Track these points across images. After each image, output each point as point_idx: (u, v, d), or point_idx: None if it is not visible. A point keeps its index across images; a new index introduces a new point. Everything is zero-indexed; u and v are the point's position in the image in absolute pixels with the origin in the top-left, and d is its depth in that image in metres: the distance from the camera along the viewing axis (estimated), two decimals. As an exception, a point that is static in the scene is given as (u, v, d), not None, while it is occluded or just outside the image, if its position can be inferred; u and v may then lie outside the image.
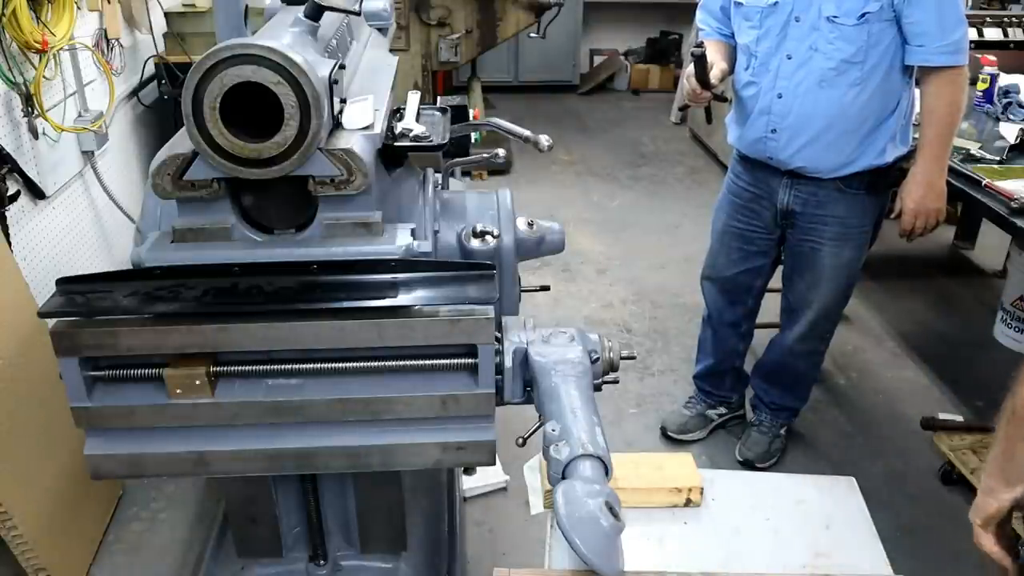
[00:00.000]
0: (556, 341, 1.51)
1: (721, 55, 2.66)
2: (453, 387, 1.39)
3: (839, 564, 1.47)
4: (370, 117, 1.45)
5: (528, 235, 1.87)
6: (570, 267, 4.49)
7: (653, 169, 5.96)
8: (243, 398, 1.36)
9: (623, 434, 3.21)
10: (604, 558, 1.22)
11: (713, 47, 2.67)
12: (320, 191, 1.35)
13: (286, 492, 1.79)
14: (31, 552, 2.26)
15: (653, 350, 3.78)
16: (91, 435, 1.39)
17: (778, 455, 3.09)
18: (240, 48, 1.22)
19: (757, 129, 2.59)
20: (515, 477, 2.82)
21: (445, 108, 1.82)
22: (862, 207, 2.60)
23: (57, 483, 2.40)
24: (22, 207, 2.67)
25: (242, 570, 1.89)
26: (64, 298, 1.33)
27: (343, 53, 1.74)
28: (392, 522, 1.81)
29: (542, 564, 1.47)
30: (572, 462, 1.29)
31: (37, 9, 2.62)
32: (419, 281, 1.37)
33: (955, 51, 2.35)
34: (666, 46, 7.93)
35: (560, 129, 6.68)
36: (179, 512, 2.76)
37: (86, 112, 3.16)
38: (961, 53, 2.36)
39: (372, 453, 1.41)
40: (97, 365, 1.34)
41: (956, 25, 2.34)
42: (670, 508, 1.59)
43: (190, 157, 1.32)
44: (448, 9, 5.02)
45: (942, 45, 2.32)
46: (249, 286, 1.35)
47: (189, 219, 1.39)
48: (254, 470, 1.45)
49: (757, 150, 2.64)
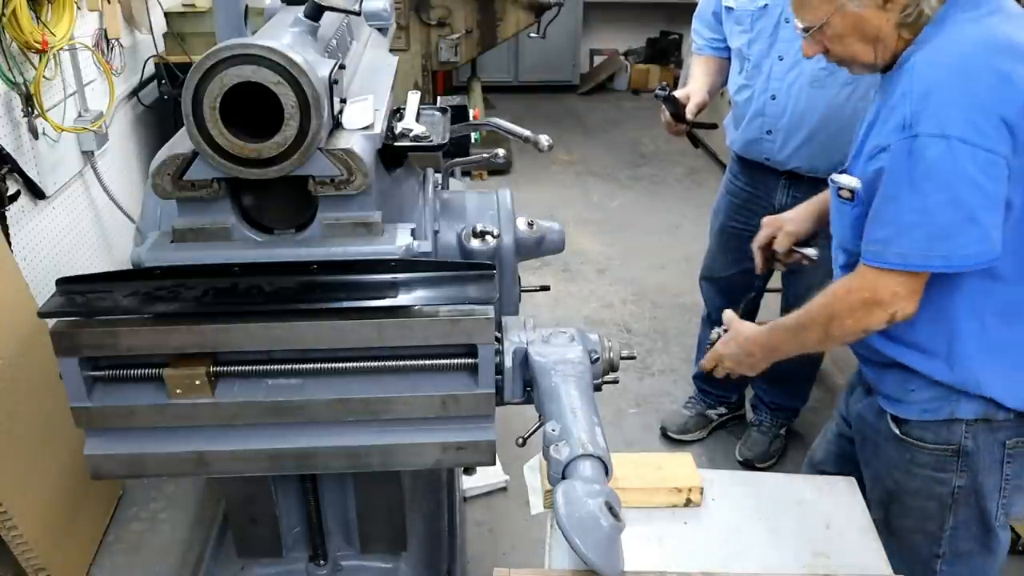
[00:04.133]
0: (556, 341, 1.51)
1: (709, 75, 2.69)
2: (453, 387, 1.39)
3: (839, 564, 1.47)
4: (370, 117, 1.45)
5: (528, 235, 1.87)
6: (570, 267, 4.49)
7: (653, 169, 5.96)
8: (243, 398, 1.36)
9: (623, 434, 3.21)
10: (604, 558, 1.22)
11: (702, 66, 2.71)
12: (320, 191, 1.35)
13: (286, 492, 1.79)
14: (31, 552, 2.26)
15: (653, 350, 3.78)
16: (91, 435, 1.39)
17: (778, 455, 3.09)
18: (240, 48, 1.22)
19: (752, 131, 2.60)
20: (515, 477, 2.82)
21: (445, 108, 1.82)
22: None
23: (57, 483, 2.40)
24: (22, 207, 2.67)
25: (242, 570, 1.89)
26: (64, 298, 1.33)
27: (343, 53, 1.74)
28: (392, 522, 1.81)
29: (542, 564, 1.47)
30: (572, 462, 1.29)
31: (37, 9, 2.61)
32: (419, 281, 1.37)
33: None
34: (666, 46, 7.93)
35: (560, 129, 6.67)
36: (179, 512, 2.76)
37: (86, 112, 3.16)
38: None
39: (372, 453, 1.41)
40: (97, 365, 1.34)
41: None
42: (670, 508, 1.59)
43: (190, 157, 1.32)
44: (448, 9, 5.02)
45: None
46: (249, 286, 1.35)
47: (189, 219, 1.39)
48: (254, 470, 1.45)
49: (754, 152, 2.65)
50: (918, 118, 1.34)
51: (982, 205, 1.33)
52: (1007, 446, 1.55)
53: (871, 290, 1.43)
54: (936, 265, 1.38)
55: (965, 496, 1.58)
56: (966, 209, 1.33)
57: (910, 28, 1.44)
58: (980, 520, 1.61)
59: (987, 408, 1.53)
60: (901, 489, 1.63)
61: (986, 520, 1.61)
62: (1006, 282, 1.45)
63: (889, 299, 1.42)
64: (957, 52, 1.37)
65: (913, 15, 1.42)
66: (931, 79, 1.35)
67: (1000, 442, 1.55)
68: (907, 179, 1.36)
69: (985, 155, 1.31)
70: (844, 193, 1.50)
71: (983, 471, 1.57)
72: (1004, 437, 1.55)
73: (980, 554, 1.64)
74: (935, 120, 1.33)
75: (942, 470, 1.58)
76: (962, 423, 1.54)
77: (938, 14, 1.43)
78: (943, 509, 1.60)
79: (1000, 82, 1.32)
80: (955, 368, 1.51)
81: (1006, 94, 1.32)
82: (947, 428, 1.55)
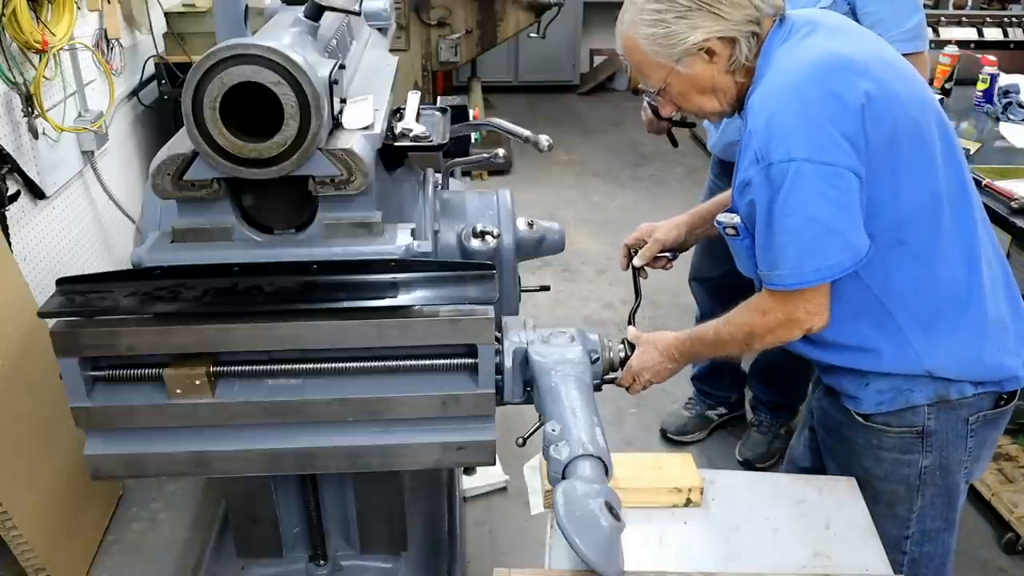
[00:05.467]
0: (556, 341, 1.51)
1: None
2: (453, 387, 1.39)
3: (839, 564, 1.47)
4: (370, 117, 1.45)
5: (528, 235, 1.87)
6: (570, 267, 4.49)
7: (653, 169, 5.96)
8: (243, 398, 1.36)
9: (623, 434, 3.21)
10: (604, 558, 1.22)
11: None
12: (320, 191, 1.35)
13: (286, 492, 1.79)
14: (31, 552, 2.26)
15: (653, 350, 3.78)
16: (91, 435, 1.39)
17: (778, 455, 3.09)
18: (240, 48, 1.22)
19: (731, 133, 2.61)
20: (515, 477, 2.82)
21: (445, 108, 1.82)
22: None
23: (57, 483, 2.40)
24: (22, 207, 2.67)
25: (242, 570, 1.89)
26: (64, 298, 1.33)
27: (343, 53, 1.74)
28: (392, 522, 1.81)
29: (542, 564, 1.46)
30: (572, 462, 1.29)
31: (37, 9, 2.61)
32: (419, 281, 1.37)
33: (913, 37, 2.34)
34: (666, 46, 7.92)
35: (560, 129, 6.67)
36: (179, 512, 2.76)
37: (86, 112, 3.15)
38: (920, 39, 2.36)
39: (372, 453, 1.41)
40: (97, 365, 1.34)
41: (912, 12, 2.36)
42: (670, 508, 1.59)
43: (190, 157, 1.32)
44: (448, 9, 5.02)
45: (899, 32, 2.31)
46: (249, 286, 1.35)
47: (189, 219, 1.39)
48: (254, 470, 1.45)
49: (733, 153, 2.65)
50: (766, 149, 1.42)
51: (836, 215, 1.42)
52: (969, 422, 1.61)
53: (783, 311, 1.52)
54: (811, 280, 1.46)
55: (931, 475, 1.63)
56: (822, 223, 1.42)
57: (742, 72, 1.55)
58: (946, 496, 1.66)
59: (940, 388, 1.57)
60: (870, 475, 1.67)
61: (951, 495, 1.66)
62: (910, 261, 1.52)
63: (803, 317, 1.51)
64: (785, 80, 1.46)
65: (737, 62, 1.52)
66: (768, 110, 1.44)
67: (963, 419, 1.60)
68: (769, 206, 1.44)
69: (829, 169, 1.39)
70: (730, 231, 1.59)
71: (948, 447, 1.62)
72: (966, 415, 1.60)
73: (946, 530, 1.70)
74: (780, 147, 1.41)
75: (908, 452, 1.62)
76: (922, 407, 1.59)
77: (762, 51, 1.53)
78: (910, 491, 1.65)
79: (829, 98, 1.41)
80: (897, 356, 1.56)
81: (837, 110, 1.40)
82: (910, 412, 1.60)
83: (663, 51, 1.52)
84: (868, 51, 1.51)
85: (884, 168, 1.44)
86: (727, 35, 1.49)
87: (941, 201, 1.51)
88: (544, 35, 5.42)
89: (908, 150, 1.46)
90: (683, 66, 1.53)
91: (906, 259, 1.51)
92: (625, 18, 1.56)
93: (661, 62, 1.54)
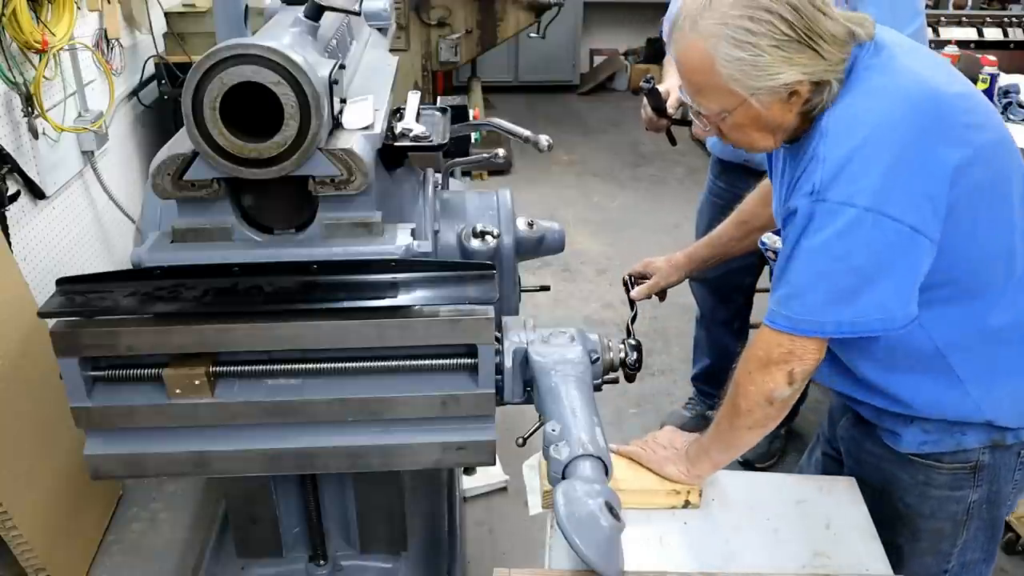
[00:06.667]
0: (556, 341, 1.51)
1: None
2: (453, 387, 1.39)
3: (839, 564, 1.47)
4: (370, 117, 1.45)
5: (528, 235, 1.87)
6: (570, 267, 4.49)
7: (653, 169, 5.96)
8: (243, 398, 1.36)
9: (623, 434, 3.21)
10: (604, 558, 1.22)
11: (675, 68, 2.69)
12: (320, 191, 1.35)
13: (286, 492, 1.79)
14: (31, 552, 2.26)
15: (653, 350, 3.78)
16: (91, 435, 1.39)
17: (778, 455, 3.09)
18: (240, 48, 1.22)
19: None
20: (515, 477, 2.82)
21: (445, 108, 1.82)
22: None
23: (57, 483, 2.39)
24: (22, 207, 2.67)
25: (242, 570, 1.89)
26: (64, 298, 1.33)
27: (343, 53, 1.74)
28: (392, 522, 1.81)
29: (542, 564, 1.46)
30: (572, 462, 1.29)
31: (37, 9, 2.61)
32: (419, 281, 1.37)
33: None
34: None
35: (560, 129, 6.67)
36: (179, 512, 2.76)
37: (86, 112, 3.15)
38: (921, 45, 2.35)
39: (372, 453, 1.41)
40: (97, 365, 1.34)
41: (912, 17, 2.33)
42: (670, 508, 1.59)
43: (190, 157, 1.32)
44: (448, 9, 5.02)
45: None
46: (249, 286, 1.35)
47: (189, 219, 1.39)
48: (254, 470, 1.45)
49: (733, 153, 2.65)
50: (828, 185, 1.26)
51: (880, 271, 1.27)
52: (1021, 455, 1.52)
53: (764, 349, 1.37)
54: (829, 331, 1.31)
55: (978, 508, 1.54)
56: (865, 276, 1.27)
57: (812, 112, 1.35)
58: (990, 529, 1.58)
59: (995, 434, 1.47)
60: (912, 512, 1.56)
61: (995, 528, 1.58)
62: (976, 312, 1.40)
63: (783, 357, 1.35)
64: (879, 115, 1.28)
65: (816, 107, 1.33)
66: (850, 145, 1.26)
67: (1015, 453, 1.51)
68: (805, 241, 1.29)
69: (893, 225, 1.24)
70: (770, 254, 1.48)
71: (998, 480, 1.52)
72: (1018, 449, 1.51)
73: (984, 561, 1.62)
74: (846, 188, 1.25)
75: (959, 488, 1.51)
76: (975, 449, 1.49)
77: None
78: (956, 526, 1.55)
79: (926, 154, 1.25)
80: (954, 404, 1.45)
81: (930, 169, 1.25)
82: (962, 451, 1.49)
83: (742, 79, 1.27)
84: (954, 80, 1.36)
85: (963, 222, 1.30)
86: (821, 79, 1.29)
87: (1015, 251, 1.39)
88: (544, 35, 5.41)
89: (989, 203, 1.33)
90: (758, 101, 1.30)
91: (972, 310, 1.39)
92: (701, 25, 1.28)
93: (735, 90, 1.29)
